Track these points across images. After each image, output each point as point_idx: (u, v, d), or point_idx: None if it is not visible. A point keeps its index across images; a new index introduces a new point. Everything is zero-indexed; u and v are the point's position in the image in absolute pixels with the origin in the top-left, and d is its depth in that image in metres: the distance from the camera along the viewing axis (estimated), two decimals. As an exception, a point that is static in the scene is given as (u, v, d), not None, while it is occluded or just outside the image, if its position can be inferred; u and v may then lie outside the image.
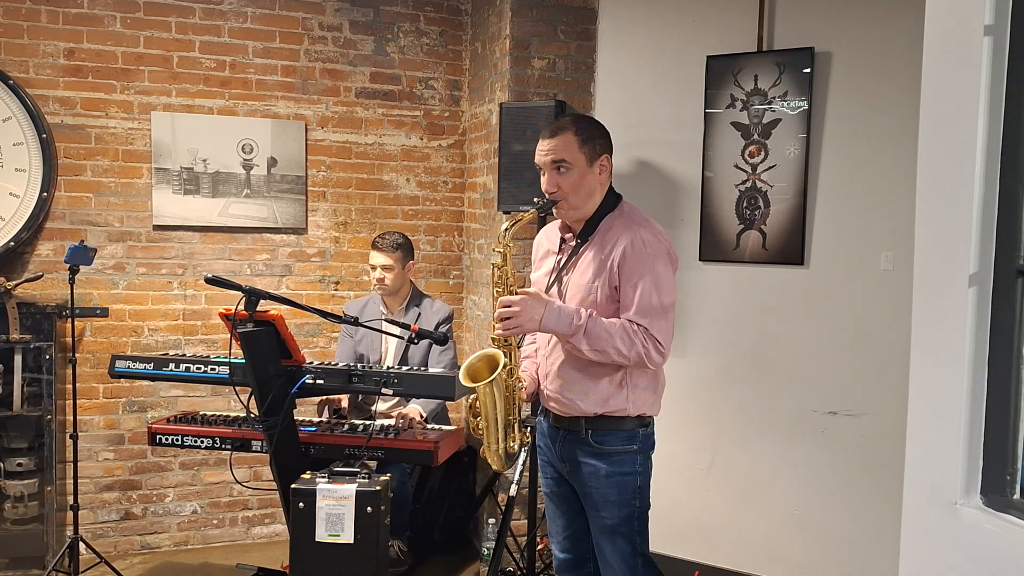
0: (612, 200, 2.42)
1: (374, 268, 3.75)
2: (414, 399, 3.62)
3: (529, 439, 2.49)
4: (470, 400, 2.42)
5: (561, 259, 2.45)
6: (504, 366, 2.32)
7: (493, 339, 2.36)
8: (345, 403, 3.72)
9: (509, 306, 2.25)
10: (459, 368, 3.71)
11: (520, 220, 2.38)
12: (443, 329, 3.71)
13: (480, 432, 2.42)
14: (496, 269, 2.38)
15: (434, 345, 3.49)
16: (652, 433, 2.45)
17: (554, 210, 2.39)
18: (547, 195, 2.37)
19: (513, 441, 2.42)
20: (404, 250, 3.77)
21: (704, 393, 3.64)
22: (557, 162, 2.33)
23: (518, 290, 2.33)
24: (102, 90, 3.94)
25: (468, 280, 4.49)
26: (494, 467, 2.47)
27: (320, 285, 4.31)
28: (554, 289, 2.43)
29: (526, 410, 2.54)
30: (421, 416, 3.54)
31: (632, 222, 2.35)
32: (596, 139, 2.37)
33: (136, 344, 4.03)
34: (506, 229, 2.37)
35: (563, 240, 2.48)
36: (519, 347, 2.48)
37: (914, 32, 2.00)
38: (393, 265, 3.72)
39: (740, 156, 3.55)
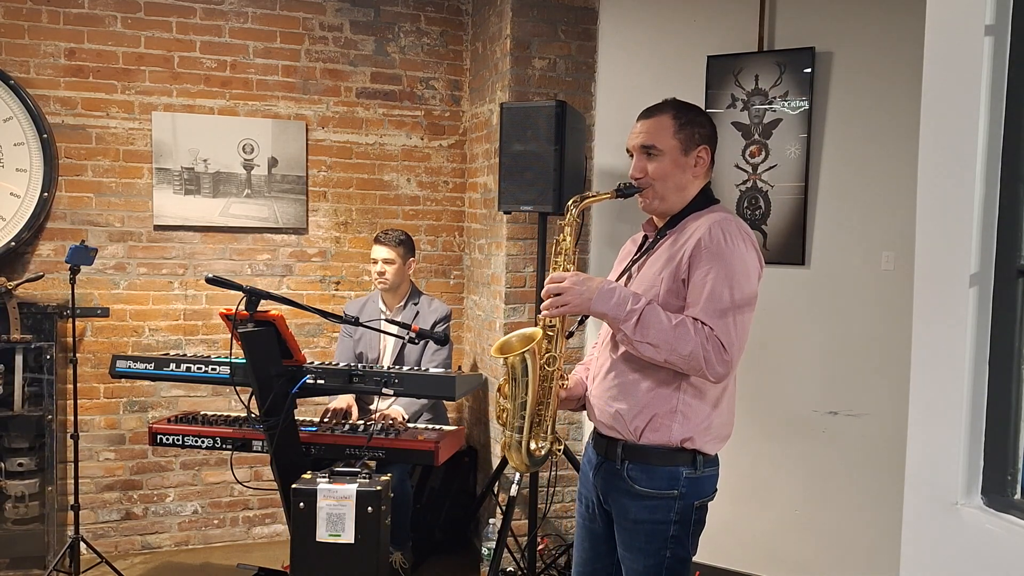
0: (704, 200, 2.15)
1: (375, 262, 3.77)
2: (398, 399, 3.61)
3: (559, 448, 2.20)
4: (499, 384, 2.16)
5: (638, 256, 2.22)
6: (544, 348, 2.09)
7: (538, 320, 2.13)
8: (355, 416, 3.68)
9: (559, 282, 2.02)
10: (452, 367, 3.75)
11: (592, 197, 2.17)
12: (440, 328, 3.72)
13: (504, 420, 2.14)
14: (557, 244, 2.16)
15: (430, 343, 3.49)
16: (707, 478, 2.09)
17: (638, 199, 2.14)
18: (632, 180, 2.13)
19: (543, 441, 2.14)
20: (406, 246, 3.79)
21: (705, 393, 3.64)
22: (647, 146, 2.10)
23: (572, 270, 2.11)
24: (103, 90, 3.94)
25: (469, 280, 4.49)
26: (513, 465, 2.18)
27: (321, 285, 4.31)
28: (622, 282, 2.17)
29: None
30: (403, 417, 3.54)
31: (716, 216, 2.07)
32: (696, 127, 2.12)
33: (137, 344, 4.03)
34: (574, 202, 2.15)
35: (645, 238, 2.25)
36: (567, 337, 2.22)
37: (915, 32, 2.00)
38: (394, 259, 3.73)
39: (741, 156, 3.55)
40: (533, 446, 2.13)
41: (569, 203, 2.16)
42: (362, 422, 3.50)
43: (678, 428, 2.04)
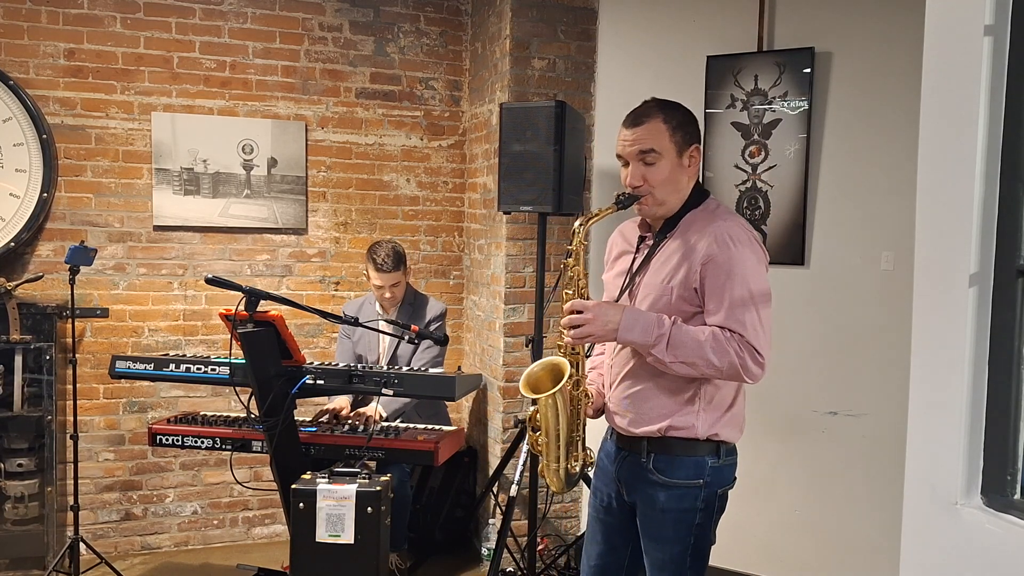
0: (698, 196, 2.15)
1: (381, 287, 3.70)
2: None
3: (592, 459, 2.24)
4: (530, 413, 2.18)
5: (637, 259, 2.19)
6: (570, 376, 2.08)
7: (559, 346, 2.12)
8: (347, 411, 3.68)
9: (580, 311, 2.00)
10: (443, 365, 3.75)
11: (596, 216, 2.11)
12: (435, 327, 3.73)
13: (539, 449, 2.18)
14: (566, 269, 2.11)
15: (421, 342, 3.49)
16: (729, 466, 2.15)
17: (636, 206, 2.11)
18: (630, 188, 2.09)
19: (575, 461, 2.18)
20: (403, 261, 3.75)
21: (704, 393, 3.64)
22: (644, 152, 2.06)
23: (587, 294, 2.11)
24: (102, 90, 3.94)
25: (469, 280, 4.49)
26: (553, 489, 2.23)
27: (320, 285, 4.31)
28: (626, 292, 2.17)
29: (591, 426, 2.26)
30: (381, 416, 3.53)
31: (717, 218, 2.09)
32: (687, 127, 2.11)
33: (136, 344, 4.03)
34: (580, 224, 2.10)
35: (641, 239, 2.21)
36: (587, 356, 2.22)
37: (914, 32, 2.00)
38: (400, 280, 3.72)
39: (740, 156, 3.55)
40: (570, 467, 2.19)
41: (575, 226, 2.12)
42: (362, 423, 3.50)
43: (702, 425, 2.09)
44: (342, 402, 3.66)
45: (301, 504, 2.73)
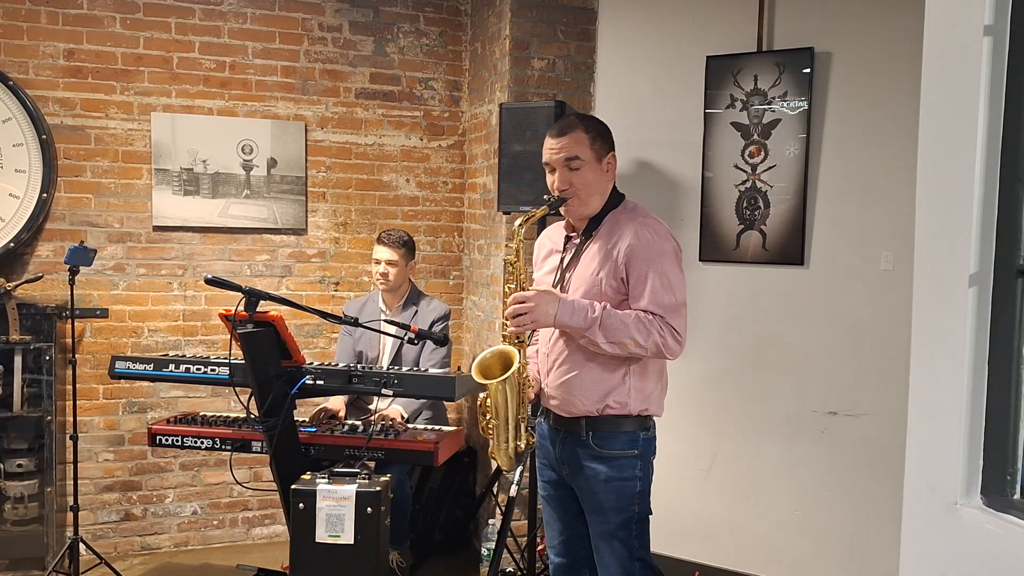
0: (616, 198, 2.45)
1: (378, 263, 3.76)
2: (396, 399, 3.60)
3: (534, 439, 2.47)
4: (480, 399, 2.41)
5: (565, 257, 2.46)
6: (518, 365, 2.30)
7: (505, 336, 2.35)
8: (342, 414, 3.68)
9: (523, 302, 2.24)
10: (451, 367, 3.75)
11: (532, 217, 2.39)
12: (439, 327, 3.72)
13: (490, 432, 2.40)
14: (509, 266, 2.38)
15: (428, 342, 3.49)
16: (653, 438, 2.44)
17: (562, 209, 2.39)
18: (557, 192, 2.37)
19: (521, 440, 2.40)
20: (408, 248, 3.79)
21: (705, 393, 3.64)
22: (570, 159, 2.34)
23: (530, 288, 2.34)
24: (102, 91, 3.94)
25: (468, 280, 4.49)
26: (502, 467, 2.45)
27: (320, 286, 4.31)
28: (557, 287, 2.43)
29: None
30: (402, 417, 3.54)
31: (636, 216, 2.38)
32: (604, 137, 2.41)
33: (136, 345, 4.03)
34: (520, 225, 2.37)
35: (568, 239, 2.49)
36: (528, 345, 2.48)
37: (914, 32, 2.00)
38: (398, 261, 3.73)
39: (740, 156, 3.55)
40: (518, 447, 2.40)
41: (515, 226, 2.38)
42: (361, 422, 3.50)
43: (634, 402, 2.35)
44: (337, 404, 3.66)
45: (301, 504, 2.73)
